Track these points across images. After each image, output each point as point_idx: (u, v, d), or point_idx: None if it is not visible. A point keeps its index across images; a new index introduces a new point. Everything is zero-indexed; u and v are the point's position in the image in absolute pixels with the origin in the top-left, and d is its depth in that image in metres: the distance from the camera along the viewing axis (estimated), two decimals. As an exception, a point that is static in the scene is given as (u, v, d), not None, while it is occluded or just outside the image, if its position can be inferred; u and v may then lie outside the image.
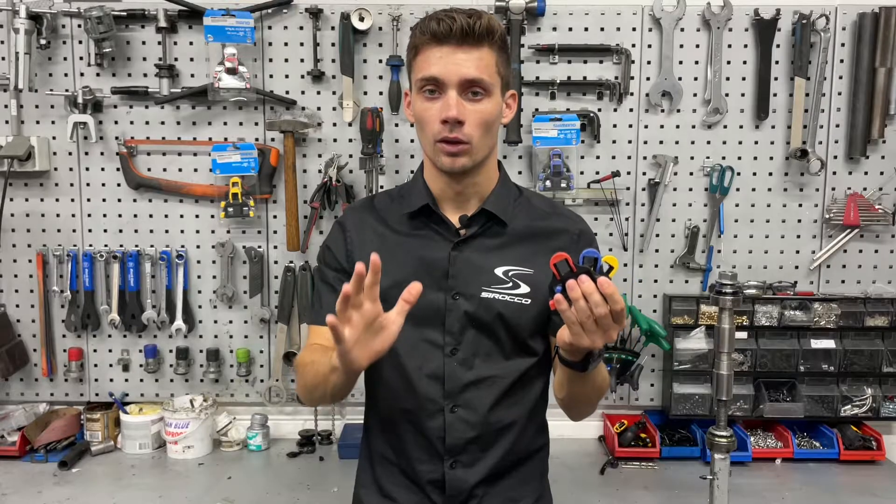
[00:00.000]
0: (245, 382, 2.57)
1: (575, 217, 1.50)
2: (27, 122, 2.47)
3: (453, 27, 1.29)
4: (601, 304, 1.12)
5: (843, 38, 2.44)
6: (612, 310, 1.13)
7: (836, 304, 2.44)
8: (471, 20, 1.30)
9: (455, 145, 1.33)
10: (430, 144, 1.36)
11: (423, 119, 1.35)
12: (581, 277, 1.12)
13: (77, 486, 2.19)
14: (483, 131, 1.35)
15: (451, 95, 1.31)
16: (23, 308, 2.54)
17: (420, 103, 1.35)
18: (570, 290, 1.12)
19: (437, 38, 1.30)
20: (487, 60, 1.32)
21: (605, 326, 1.15)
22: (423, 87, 1.34)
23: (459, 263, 1.40)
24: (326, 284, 1.47)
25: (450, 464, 1.42)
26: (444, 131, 1.32)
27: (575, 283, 1.13)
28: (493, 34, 1.32)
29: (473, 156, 1.36)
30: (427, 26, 1.32)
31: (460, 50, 1.30)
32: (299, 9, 2.43)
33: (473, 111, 1.32)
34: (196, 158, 2.49)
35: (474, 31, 1.30)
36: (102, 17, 2.33)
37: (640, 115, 2.47)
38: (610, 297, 1.13)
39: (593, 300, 1.12)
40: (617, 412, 2.56)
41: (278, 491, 2.18)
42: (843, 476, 2.31)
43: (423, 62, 1.33)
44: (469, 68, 1.31)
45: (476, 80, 1.31)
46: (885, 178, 2.48)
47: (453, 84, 1.31)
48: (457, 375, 1.40)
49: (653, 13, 2.42)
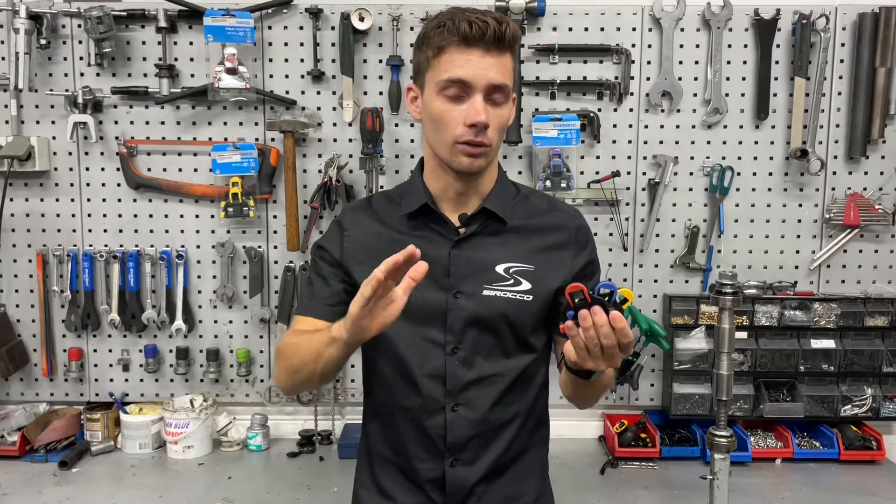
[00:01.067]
0: (245, 382, 2.57)
1: (573, 212, 1.51)
2: (27, 122, 2.47)
3: (486, 32, 1.29)
4: (610, 336, 1.15)
5: (843, 38, 2.44)
6: (619, 341, 1.16)
7: (836, 304, 2.44)
8: (501, 26, 1.30)
9: (478, 147, 1.34)
10: (446, 145, 1.36)
11: (443, 120, 1.34)
12: (594, 308, 1.15)
13: (77, 486, 2.19)
14: (501, 135, 1.38)
15: (478, 100, 1.31)
16: (23, 308, 2.54)
17: (441, 104, 1.34)
18: (582, 319, 1.15)
19: (468, 40, 1.30)
20: (510, 66, 1.34)
21: (609, 355, 1.17)
22: (447, 88, 1.32)
23: (460, 262, 1.41)
24: (321, 277, 1.47)
25: (450, 462, 1.42)
26: (468, 134, 1.32)
27: (587, 314, 1.15)
28: (517, 41, 1.35)
29: (490, 157, 1.38)
30: (457, 27, 1.29)
31: (489, 55, 1.31)
32: (299, 9, 2.43)
33: (495, 115, 1.34)
34: (196, 158, 2.49)
35: (504, 37, 1.30)
36: (102, 17, 2.33)
37: (640, 115, 2.47)
38: (620, 331, 1.15)
39: (603, 332, 1.15)
40: (617, 412, 2.56)
41: (278, 491, 2.18)
42: (843, 476, 2.31)
43: (448, 63, 1.32)
44: (496, 74, 1.31)
45: (501, 86, 1.33)
46: (885, 178, 2.48)
47: (480, 88, 1.31)
48: (458, 374, 1.40)
49: (653, 13, 2.42)
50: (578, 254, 1.46)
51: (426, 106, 1.38)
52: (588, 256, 1.47)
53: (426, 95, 1.37)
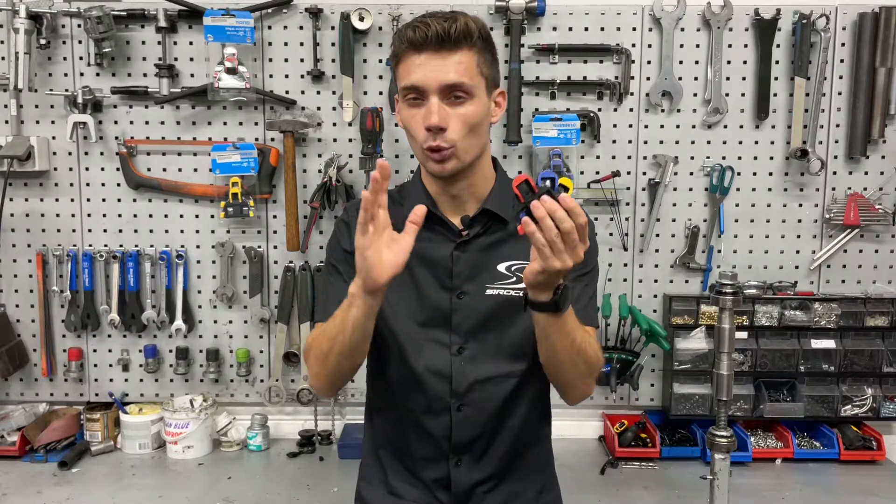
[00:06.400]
0: (245, 382, 2.57)
1: None
2: (27, 122, 2.47)
3: (428, 33, 1.29)
4: (566, 220, 1.14)
5: (843, 37, 2.44)
6: (576, 224, 1.15)
7: (837, 304, 2.44)
8: (446, 24, 1.29)
9: (438, 152, 1.33)
10: (419, 151, 1.37)
11: (409, 126, 1.36)
12: (543, 197, 1.15)
13: (77, 486, 2.19)
14: (467, 133, 1.34)
15: (433, 102, 1.31)
16: (23, 308, 2.54)
17: (405, 111, 1.36)
18: (534, 209, 1.15)
19: (415, 45, 1.30)
20: (467, 63, 1.32)
21: (571, 243, 1.16)
22: (406, 95, 1.34)
23: (462, 262, 1.41)
24: (337, 275, 1.44)
25: (455, 462, 1.43)
26: (429, 139, 1.33)
27: (539, 203, 1.15)
28: (470, 36, 1.31)
29: (461, 159, 1.35)
30: (404, 34, 1.32)
31: (438, 55, 1.30)
32: (299, 9, 2.43)
33: (456, 115, 1.32)
34: (196, 158, 2.49)
35: (450, 36, 1.29)
36: (102, 16, 2.33)
37: (640, 115, 2.47)
38: (572, 210, 1.14)
39: (558, 216, 1.14)
40: (617, 412, 2.56)
41: (278, 491, 2.18)
42: (843, 476, 2.31)
43: (403, 71, 1.33)
44: (447, 73, 1.30)
45: (456, 84, 1.31)
46: (885, 177, 2.48)
47: (434, 90, 1.31)
48: (464, 374, 1.40)
49: (653, 13, 2.42)
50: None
51: (400, 114, 1.39)
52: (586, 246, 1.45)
53: (399, 104, 1.39)
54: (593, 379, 1.42)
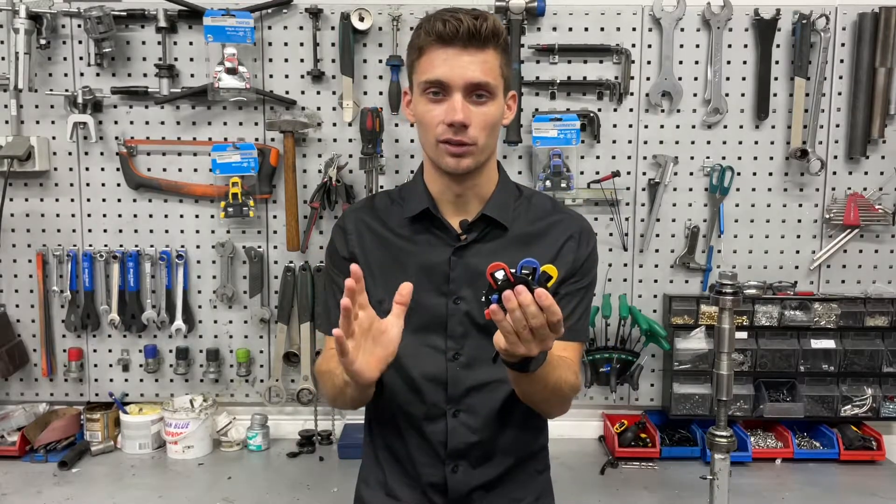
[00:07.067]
0: (245, 382, 2.57)
1: (576, 215, 1.50)
2: (27, 122, 2.47)
3: (460, 29, 1.27)
4: (538, 316, 1.08)
5: (843, 38, 2.44)
6: (548, 321, 1.10)
7: (836, 304, 2.44)
8: (477, 22, 1.28)
9: (459, 147, 1.32)
10: (432, 146, 1.35)
11: (425, 121, 1.34)
12: (518, 288, 1.08)
13: (77, 486, 2.19)
14: (487, 134, 1.34)
15: (457, 99, 1.30)
16: (23, 308, 2.54)
17: (423, 105, 1.34)
18: (506, 300, 1.08)
19: (443, 39, 1.29)
20: (492, 63, 1.31)
21: (541, 336, 1.11)
22: (427, 89, 1.32)
23: (460, 268, 1.40)
24: (335, 285, 1.46)
25: (451, 468, 1.42)
26: (447, 133, 1.31)
27: (511, 294, 1.08)
28: (498, 36, 1.31)
29: (477, 157, 1.35)
30: (432, 27, 1.29)
31: (466, 52, 1.29)
32: (299, 9, 2.43)
33: (478, 114, 1.32)
34: (196, 158, 2.49)
35: (480, 34, 1.28)
36: (102, 17, 2.33)
37: (640, 115, 2.47)
38: (547, 308, 1.08)
39: (529, 312, 1.08)
40: (617, 412, 2.56)
41: (278, 491, 2.18)
42: (843, 476, 2.31)
43: (426, 64, 1.32)
44: (475, 71, 1.29)
45: (481, 84, 1.30)
46: (885, 178, 2.48)
47: (459, 87, 1.30)
48: (459, 380, 1.40)
49: (653, 13, 2.42)
50: (577, 251, 1.44)
51: (414, 108, 1.38)
52: (586, 253, 1.44)
53: (414, 98, 1.37)
54: (569, 404, 1.43)
